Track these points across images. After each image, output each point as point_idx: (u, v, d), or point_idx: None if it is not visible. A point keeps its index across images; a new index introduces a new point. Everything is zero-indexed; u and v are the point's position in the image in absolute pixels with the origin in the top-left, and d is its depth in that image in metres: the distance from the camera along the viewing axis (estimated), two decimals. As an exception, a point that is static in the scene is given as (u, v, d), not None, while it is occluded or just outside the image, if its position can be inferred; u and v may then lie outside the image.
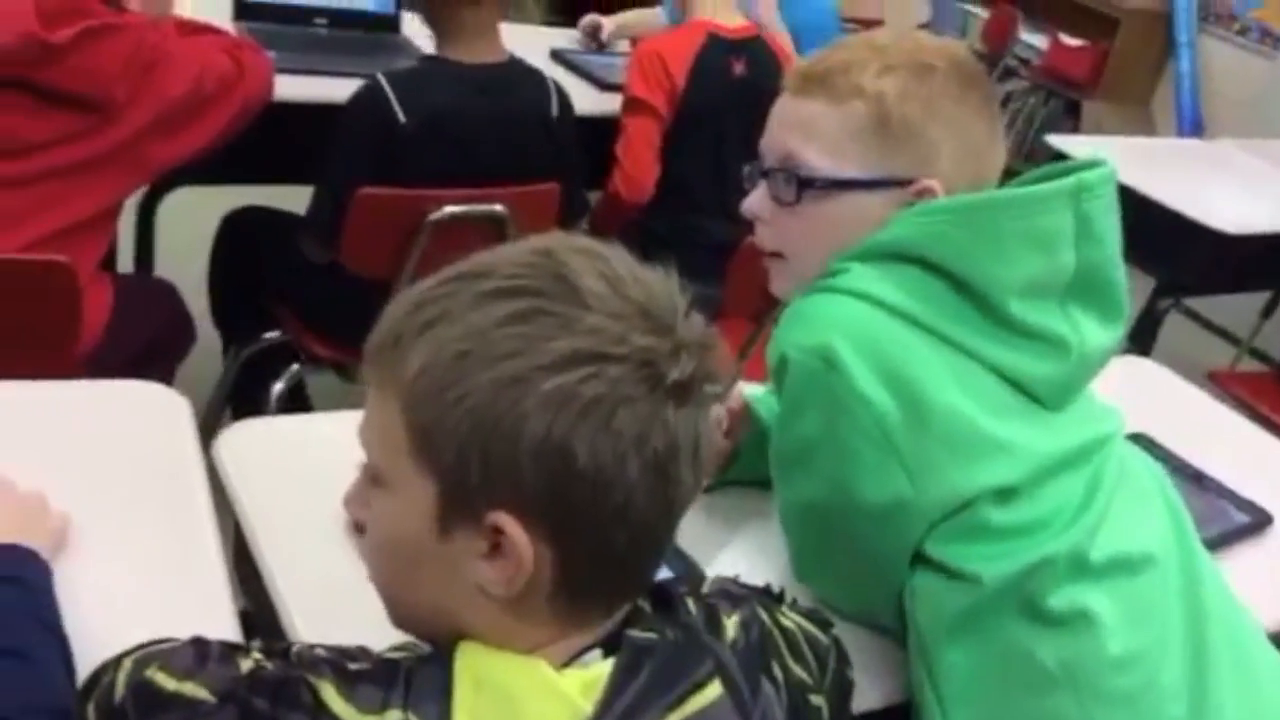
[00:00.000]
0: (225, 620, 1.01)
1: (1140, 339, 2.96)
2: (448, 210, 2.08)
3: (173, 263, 2.58)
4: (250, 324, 2.40)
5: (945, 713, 1.05)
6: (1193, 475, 1.50)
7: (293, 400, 2.40)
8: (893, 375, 1.00)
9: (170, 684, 0.72)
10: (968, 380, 1.02)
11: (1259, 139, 3.69)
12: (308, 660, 0.73)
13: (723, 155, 2.57)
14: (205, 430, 1.27)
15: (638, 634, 0.74)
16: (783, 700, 0.81)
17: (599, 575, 0.73)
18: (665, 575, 0.87)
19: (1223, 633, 1.10)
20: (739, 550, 1.23)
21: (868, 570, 1.09)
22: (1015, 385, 1.05)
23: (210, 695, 0.71)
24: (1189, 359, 2.33)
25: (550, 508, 0.69)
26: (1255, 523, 1.46)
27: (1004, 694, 1.04)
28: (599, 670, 0.72)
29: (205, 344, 2.33)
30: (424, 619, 0.77)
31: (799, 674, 0.84)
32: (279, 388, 2.33)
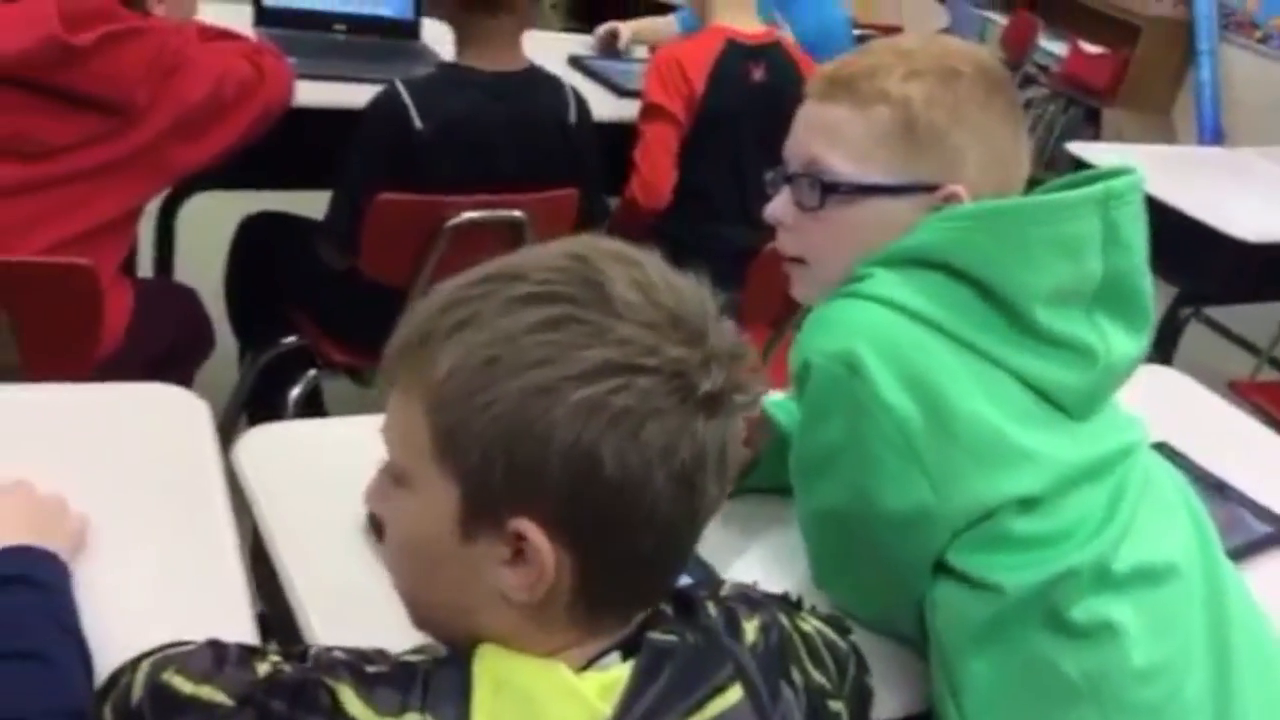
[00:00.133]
0: (243, 623, 1.01)
1: (1161, 348, 2.94)
2: (466, 216, 2.08)
3: (192, 267, 2.59)
4: (266, 329, 2.40)
5: (967, 724, 1.04)
6: (1214, 485, 1.49)
7: (308, 405, 2.40)
8: (916, 382, 0.99)
9: (188, 687, 0.72)
10: (992, 388, 1.02)
11: (1280, 147, 3.68)
12: (325, 663, 0.73)
13: (741, 161, 2.57)
14: (222, 434, 1.27)
15: (658, 636, 0.74)
16: (802, 705, 0.80)
17: (621, 583, 0.73)
18: (684, 582, 0.86)
19: (1247, 644, 1.09)
20: (757, 557, 1.23)
21: (888, 579, 1.09)
22: (1040, 394, 1.04)
23: (228, 698, 0.71)
24: (1209, 368, 2.31)
25: (574, 516, 0.69)
26: (1277, 533, 1.44)
27: (1027, 705, 1.03)
28: (618, 673, 0.71)
29: (220, 348, 2.33)
30: (443, 619, 0.77)
31: (818, 679, 0.83)
32: (296, 392, 2.34)
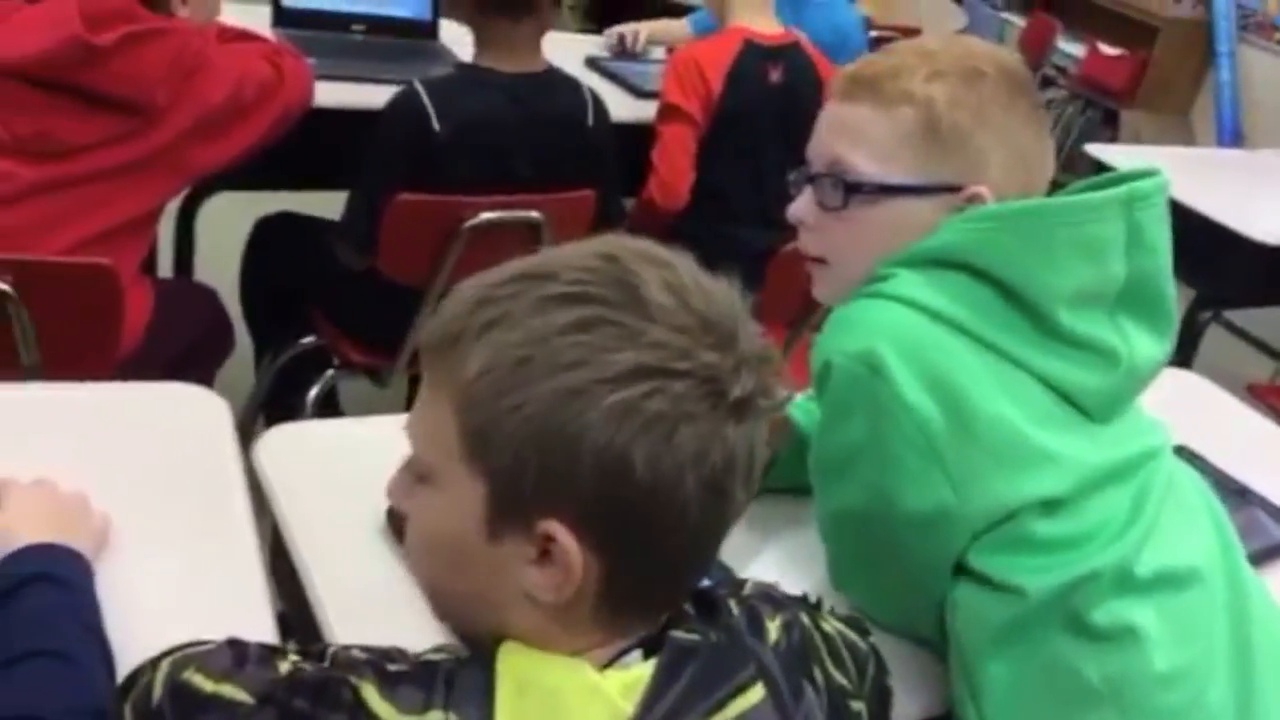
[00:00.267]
0: (263, 621, 1.02)
1: (1180, 351, 2.90)
2: (484, 217, 2.08)
3: (211, 267, 2.60)
4: (282, 329, 2.41)
5: (986, 727, 1.03)
6: (1234, 489, 1.48)
7: (324, 405, 2.41)
8: (938, 382, 0.99)
9: (208, 685, 0.72)
10: (1014, 389, 1.01)
11: (1301, 149, 3.65)
12: (345, 662, 0.73)
13: (759, 162, 2.56)
14: (239, 434, 1.27)
15: (681, 635, 0.74)
16: (823, 705, 0.80)
17: (646, 586, 0.73)
18: (703, 584, 0.87)
19: (1269, 649, 1.08)
20: (776, 559, 1.22)
21: (908, 580, 1.08)
22: (1063, 396, 1.03)
23: (249, 696, 0.71)
24: (1228, 372, 2.29)
25: (604, 519, 0.69)
26: (1299, 537, 1.43)
27: (1046, 709, 1.02)
28: (640, 671, 0.71)
29: (236, 349, 2.34)
30: (466, 616, 0.77)
31: (839, 679, 0.83)
32: (315, 392, 2.34)
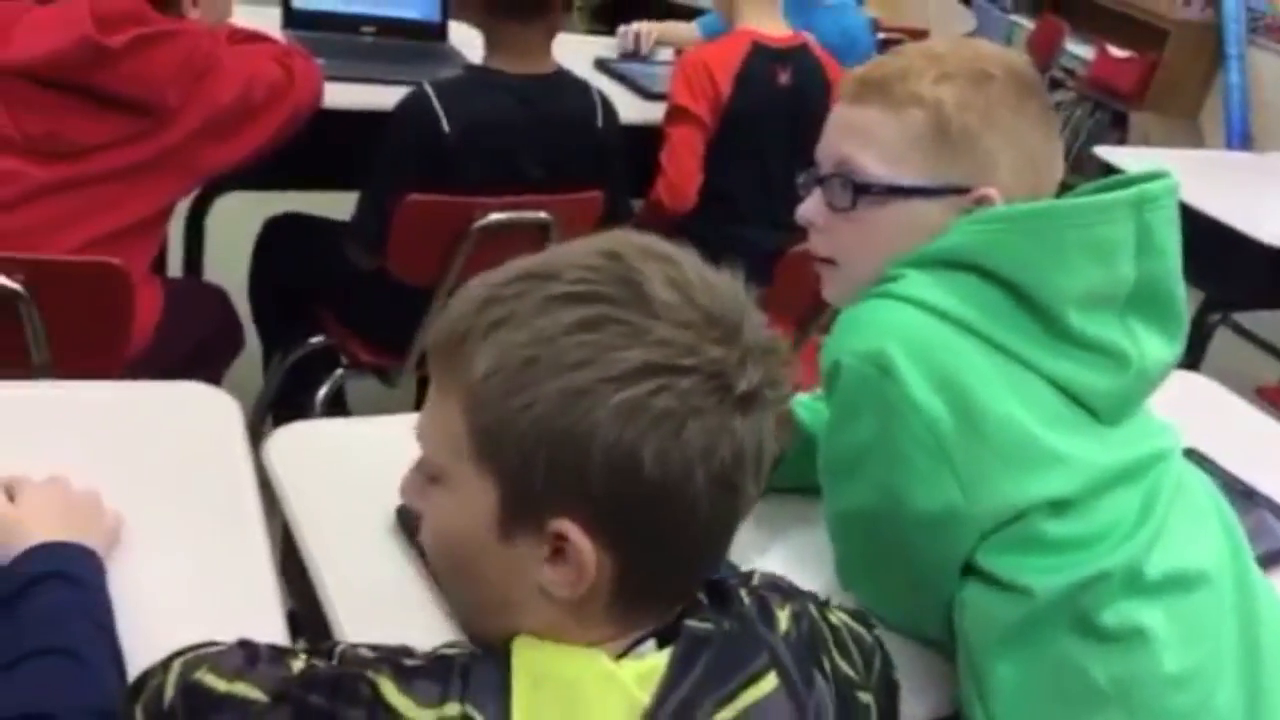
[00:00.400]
0: (273, 620, 1.02)
1: (1189, 353, 2.90)
2: (493, 217, 2.08)
3: (221, 267, 2.61)
4: (290, 329, 2.41)
5: (994, 727, 1.03)
6: (1243, 491, 1.48)
7: (332, 405, 2.41)
8: (947, 383, 0.99)
9: (221, 685, 0.72)
10: (1023, 390, 1.01)
11: (1310, 152, 3.64)
12: (357, 659, 0.73)
13: (767, 164, 2.57)
14: (248, 433, 1.27)
15: (695, 624, 0.74)
16: (832, 695, 0.80)
17: (659, 580, 0.73)
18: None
19: (1278, 651, 1.08)
20: (783, 558, 1.22)
21: (916, 580, 1.08)
22: (1072, 397, 1.03)
23: (263, 695, 0.71)
24: (1237, 374, 2.29)
25: (615, 517, 0.69)
26: (1308, 540, 1.43)
27: (1054, 710, 1.02)
28: (655, 661, 0.72)
29: (245, 348, 2.35)
30: (481, 612, 0.77)
31: (846, 670, 0.83)
32: (323, 392, 2.35)
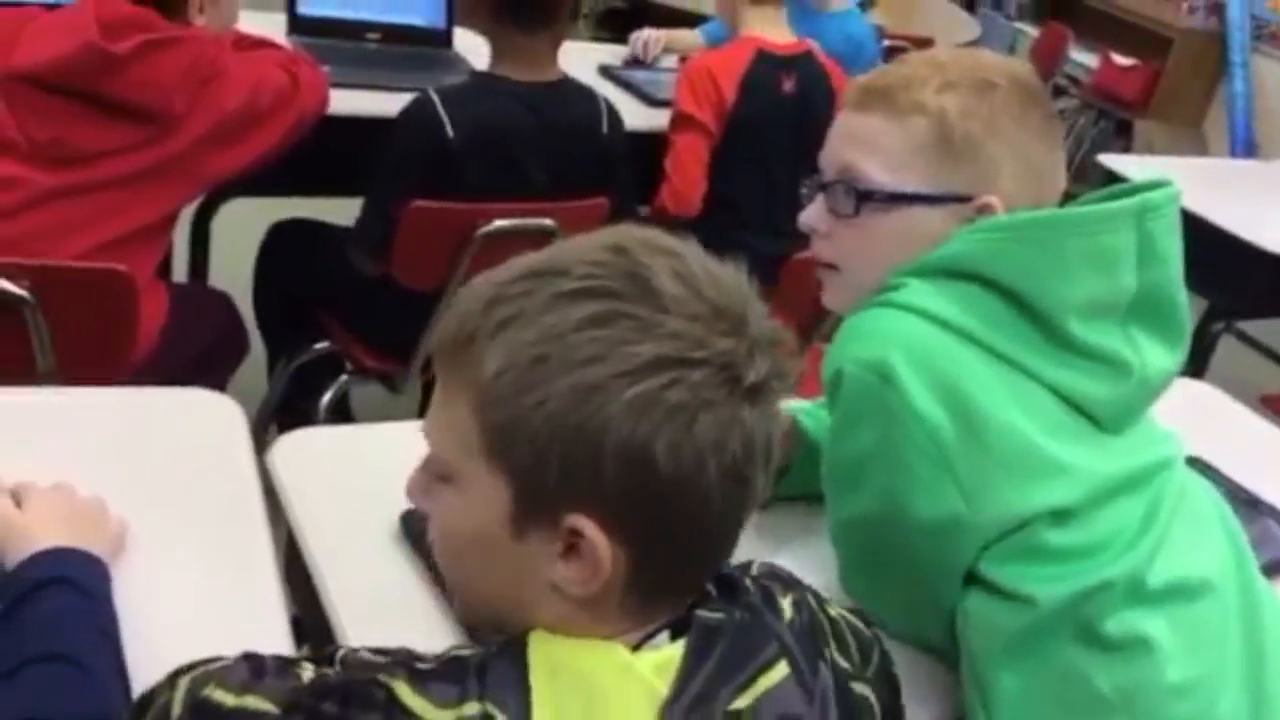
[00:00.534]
0: (277, 626, 1.02)
1: (1193, 361, 2.89)
2: (497, 224, 2.09)
3: (226, 273, 2.61)
4: (295, 335, 2.42)
5: (997, 736, 1.03)
6: (1247, 500, 1.48)
7: (336, 411, 2.42)
8: (949, 392, 0.99)
9: (230, 699, 0.71)
10: (1025, 399, 1.01)
11: (1314, 160, 3.64)
12: (359, 662, 0.73)
13: (770, 171, 2.57)
14: (253, 439, 1.27)
15: (707, 614, 0.74)
16: (833, 684, 0.80)
17: (673, 574, 0.74)
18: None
19: (1281, 660, 1.08)
20: (787, 566, 1.19)
21: (919, 589, 1.08)
22: (1074, 406, 1.03)
23: (274, 706, 0.70)
24: (1242, 382, 2.28)
25: (629, 511, 0.69)
26: (1312, 549, 1.43)
27: (1058, 719, 1.02)
28: (671, 652, 0.72)
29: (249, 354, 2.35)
30: (494, 611, 0.77)
31: (842, 663, 0.83)
32: (328, 398, 2.35)
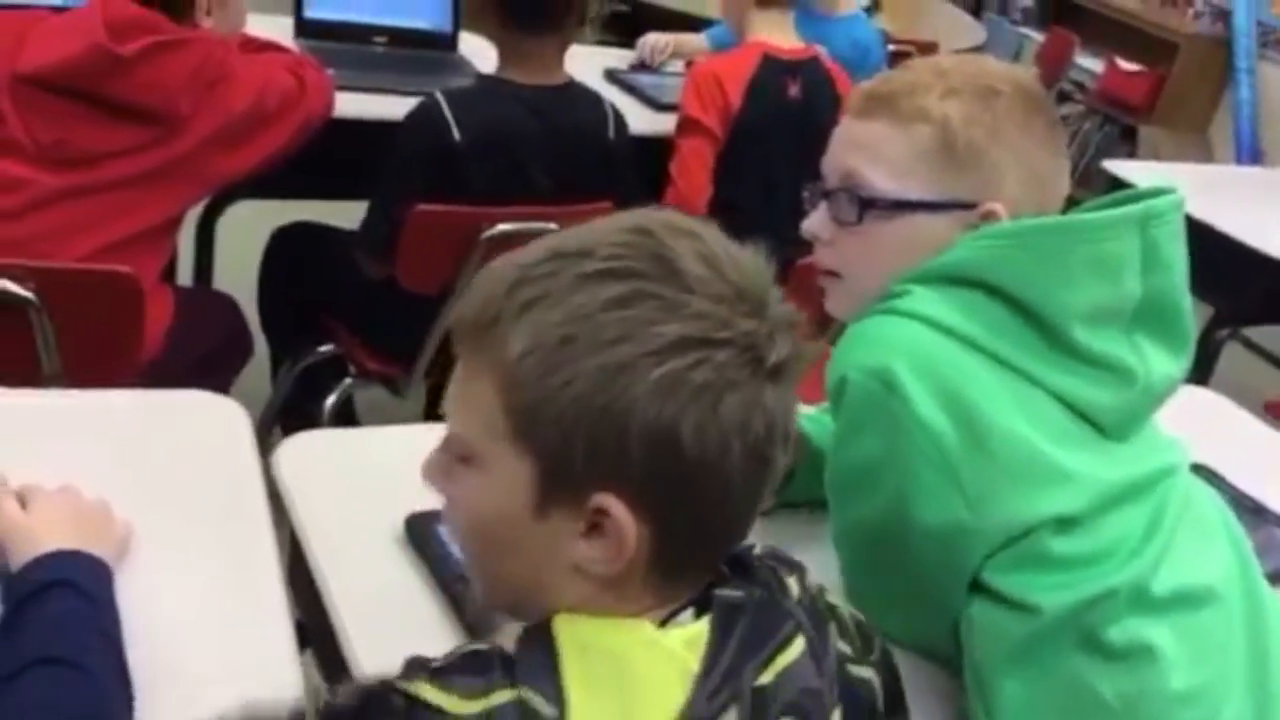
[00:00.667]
0: (281, 629, 1.02)
1: (1198, 368, 2.89)
2: (502, 228, 2.09)
3: (231, 276, 2.61)
4: (299, 338, 2.42)
5: (1001, 744, 1.03)
6: (1252, 507, 1.47)
7: (340, 415, 2.42)
8: (952, 399, 0.99)
9: None
10: (1029, 406, 1.01)
11: (1320, 167, 3.64)
12: (377, 680, 0.72)
13: (775, 176, 2.56)
14: (257, 442, 1.27)
15: (727, 593, 0.74)
16: (834, 665, 0.80)
17: (694, 553, 0.74)
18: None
19: (1286, 669, 1.08)
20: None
21: (923, 596, 1.08)
22: (1078, 413, 1.03)
23: None
24: (1246, 389, 2.28)
25: (654, 491, 0.70)
26: (1317, 557, 1.42)
27: (1062, 726, 1.02)
28: (698, 628, 0.72)
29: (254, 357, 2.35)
30: (517, 593, 0.77)
31: (844, 648, 0.84)
32: (331, 401, 2.35)
